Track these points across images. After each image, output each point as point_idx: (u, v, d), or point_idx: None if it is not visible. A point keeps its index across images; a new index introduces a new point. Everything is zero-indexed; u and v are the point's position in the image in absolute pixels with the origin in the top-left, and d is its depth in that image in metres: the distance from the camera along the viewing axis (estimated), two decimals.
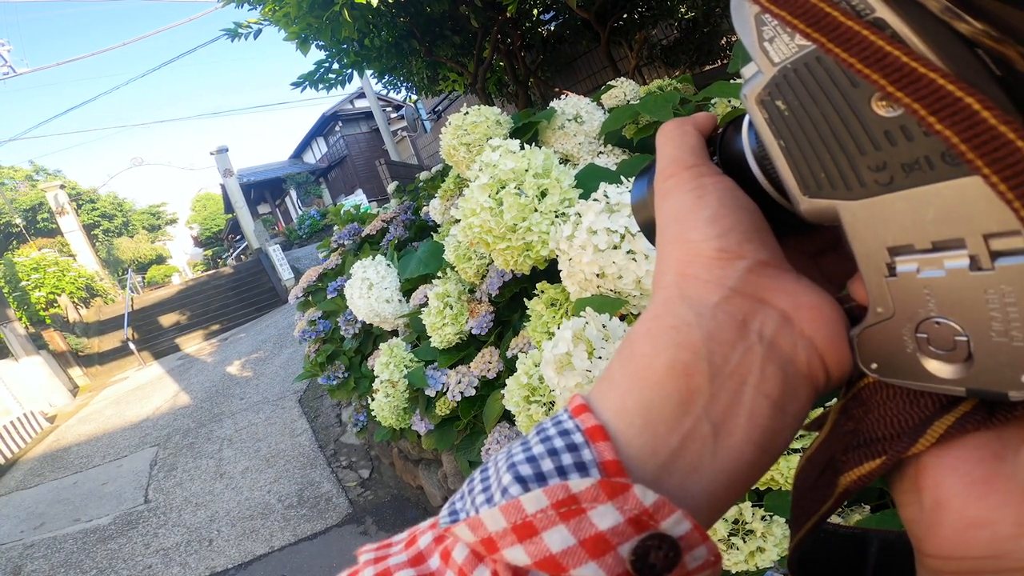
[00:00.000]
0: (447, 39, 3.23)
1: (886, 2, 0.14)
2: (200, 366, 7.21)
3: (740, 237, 0.18)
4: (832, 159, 0.16)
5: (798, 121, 0.17)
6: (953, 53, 0.13)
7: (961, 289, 0.14)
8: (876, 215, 0.16)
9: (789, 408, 0.17)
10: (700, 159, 0.20)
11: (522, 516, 0.15)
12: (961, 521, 0.15)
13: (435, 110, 8.52)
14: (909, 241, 0.15)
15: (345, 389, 2.37)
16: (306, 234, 13.29)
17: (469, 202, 0.90)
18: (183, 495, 3.28)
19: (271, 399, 4.61)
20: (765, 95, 0.17)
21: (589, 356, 0.62)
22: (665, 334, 0.18)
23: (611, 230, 0.70)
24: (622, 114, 1.40)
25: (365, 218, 3.35)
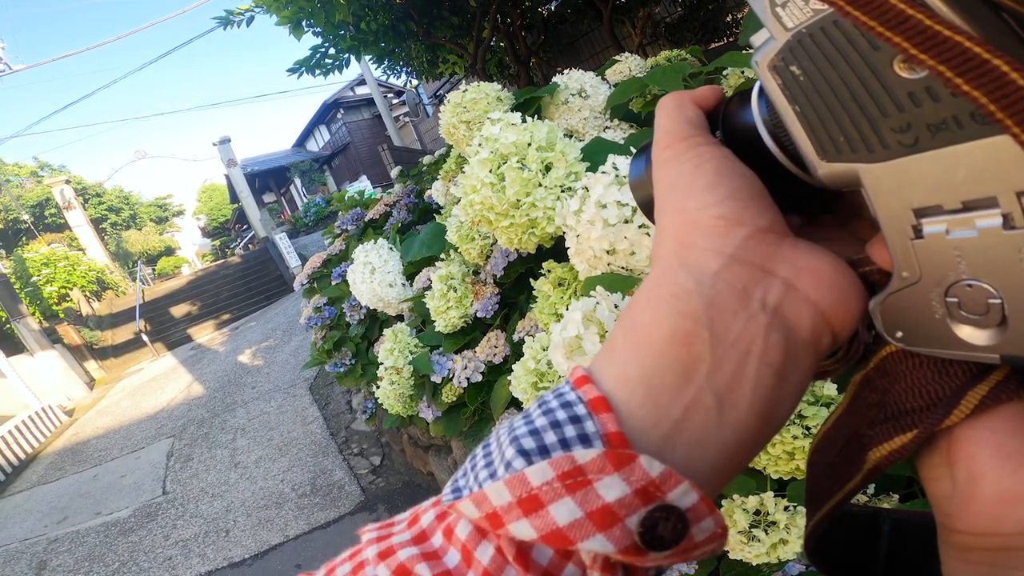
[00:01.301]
0: (445, 20, 3.15)
1: None
2: (212, 356, 7.28)
3: (738, 204, 0.18)
4: (852, 122, 0.16)
5: (814, 85, 0.16)
6: (978, 15, 0.13)
7: (995, 248, 0.14)
8: (900, 177, 0.15)
9: (791, 376, 0.17)
10: (697, 131, 0.20)
11: (527, 489, 0.15)
12: (995, 496, 0.15)
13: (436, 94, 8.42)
14: (937, 202, 0.15)
15: (353, 376, 2.35)
16: (312, 221, 13.29)
17: (469, 178, 0.85)
18: (200, 486, 3.31)
19: (282, 387, 4.63)
20: (779, 61, 0.17)
21: (600, 339, 0.57)
22: (665, 302, 0.17)
23: (621, 203, 0.65)
24: (629, 87, 1.34)
25: (368, 203, 3.31)
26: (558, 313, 0.87)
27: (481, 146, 0.89)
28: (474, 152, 0.90)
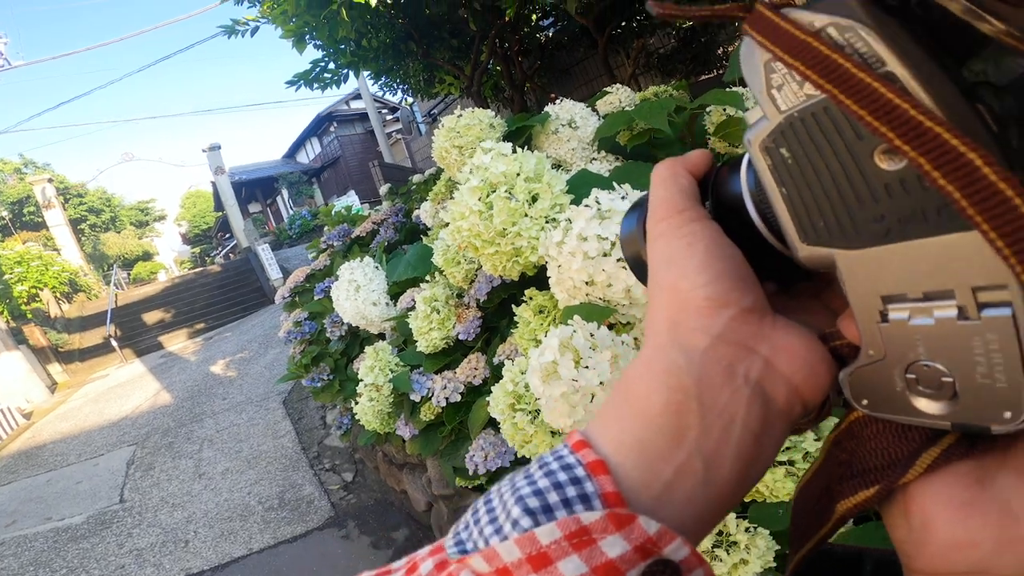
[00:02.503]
0: (445, 42, 3.23)
1: (896, 55, 0.14)
2: (183, 365, 7.11)
3: (726, 286, 0.19)
4: (832, 209, 0.17)
5: (801, 170, 0.17)
6: (956, 108, 0.14)
7: (948, 336, 0.15)
8: (872, 265, 0.17)
9: (768, 440, 0.19)
10: (690, 203, 0.21)
11: (537, 547, 0.16)
12: (947, 542, 0.17)
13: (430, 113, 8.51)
14: (902, 291, 0.16)
15: (329, 391, 2.34)
16: (296, 234, 13.20)
17: (459, 205, 0.88)
18: (160, 495, 3.22)
19: (255, 400, 4.55)
20: (770, 142, 0.18)
21: (576, 365, 0.60)
22: (659, 377, 0.19)
23: (602, 237, 0.68)
24: (617, 120, 1.39)
25: (355, 219, 3.33)
26: (537, 339, 0.89)
27: (472, 173, 0.92)
28: (465, 179, 0.93)
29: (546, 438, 0.77)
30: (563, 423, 0.61)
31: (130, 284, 17.19)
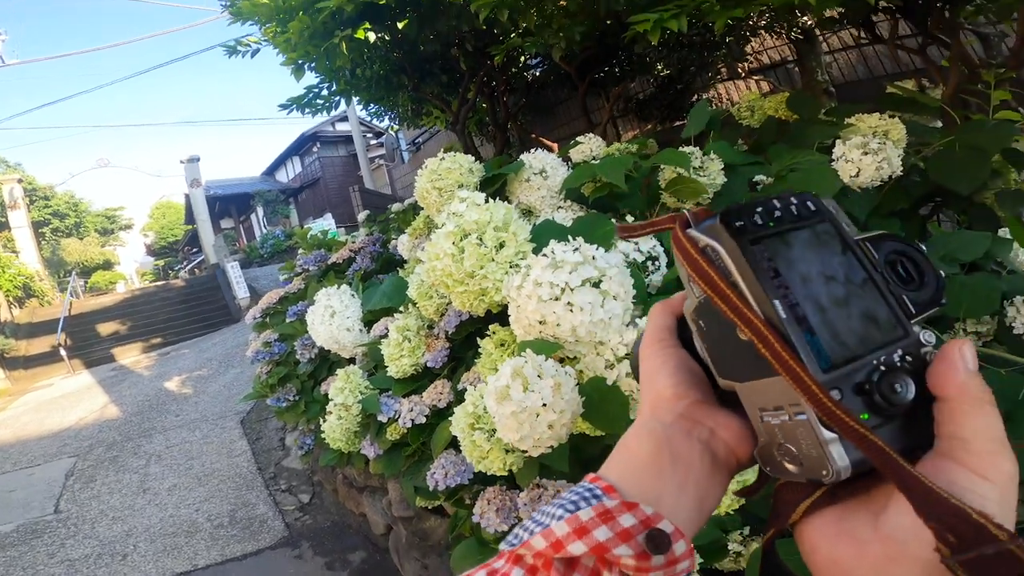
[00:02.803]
0: (435, 77, 3.39)
1: (736, 270, 0.25)
2: (135, 379, 6.90)
3: (686, 386, 0.31)
4: (727, 360, 0.28)
5: (710, 335, 0.29)
6: (765, 305, 0.24)
7: (788, 429, 0.25)
8: (752, 391, 0.27)
9: (716, 479, 0.30)
10: (667, 335, 0.33)
11: (578, 523, 0.25)
12: (825, 560, 0.25)
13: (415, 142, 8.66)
14: (765, 405, 0.26)
15: (294, 412, 2.37)
16: (268, 254, 13.06)
17: (435, 247, 1.01)
18: (99, 508, 3.14)
19: (210, 418, 4.46)
20: (694, 315, 0.30)
21: (524, 390, 0.72)
22: (645, 437, 0.30)
23: (554, 284, 0.82)
24: (582, 173, 1.55)
25: (332, 244, 3.40)
26: (497, 368, 1.01)
27: (448, 219, 1.06)
28: (441, 223, 1.07)
29: (500, 454, 0.88)
30: (512, 437, 0.73)
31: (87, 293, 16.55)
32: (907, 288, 0.26)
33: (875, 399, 0.23)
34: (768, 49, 4.29)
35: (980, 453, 0.22)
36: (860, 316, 0.25)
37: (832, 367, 0.23)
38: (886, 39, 2.12)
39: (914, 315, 0.26)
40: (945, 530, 0.20)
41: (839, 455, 0.23)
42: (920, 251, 0.27)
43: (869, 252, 0.27)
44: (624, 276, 0.88)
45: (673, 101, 3.84)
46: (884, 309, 0.25)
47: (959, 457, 0.22)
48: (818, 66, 2.79)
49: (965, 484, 0.21)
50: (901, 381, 0.23)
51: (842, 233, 0.27)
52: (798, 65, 2.90)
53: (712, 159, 1.48)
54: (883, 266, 0.26)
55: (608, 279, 0.84)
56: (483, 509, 1.07)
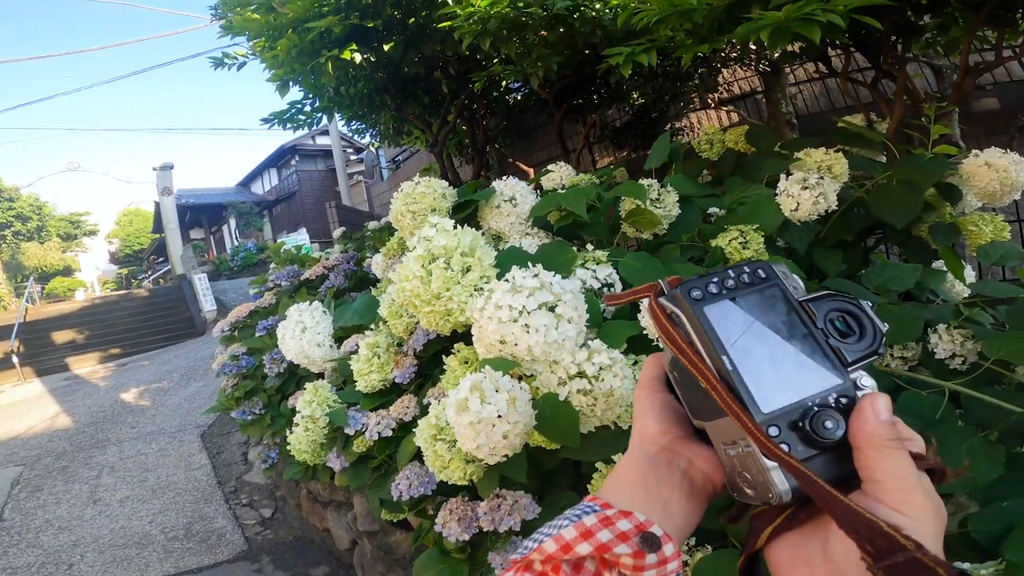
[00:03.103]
0: (418, 98, 3.46)
1: (694, 332, 0.31)
2: (89, 389, 6.68)
3: (669, 424, 0.37)
4: (696, 404, 0.34)
5: (682, 383, 0.35)
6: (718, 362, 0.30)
7: (742, 459, 0.30)
8: (713, 430, 0.33)
9: (695, 501, 0.35)
10: (656, 383, 0.39)
11: (584, 528, 0.30)
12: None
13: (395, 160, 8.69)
14: (724, 440, 0.32)
15: (260, 425, 2.37)
16: (238, 267, 12.83)
17: (405, 268, 1.08)
18: (45, 517, 3.05)
19: (168, 431, 4.36)
20: (670, 367, 0.37)
21: (481, 402, 0.79)
22: (633, 464, 0.36)
23: (513, 307, 0.89)
24: (548, 202, 1.63)
25: (305, 260, 3.41)
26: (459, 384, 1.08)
27: (419, 243, 1.13)
28: (412, 247, 1.14)
29: (461, 464, 0.94)
30: (470, 445, 0.80)
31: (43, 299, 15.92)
32: (845, 340, 0.31)
33: (808, 434, 0.28)
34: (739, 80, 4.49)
35: (892, 491, 0.26)
36: (799, 365, 0.30)
37: (772, 409, 0.28)
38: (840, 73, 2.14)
39: (850, 363, 0.30)
40: (864, 541, 0.24)
41: (779, 480, 0.28)
42: (861, 308, 0.32)
43: (810, 311, 0.32)
44: (578, 301, 0.96)
45: (647, 129, 3.95)
46: (821, 359, 0.30)
47: (877, 496, 0.26)
48: (783, 98, 2.93)
49: (885, 518, 0.25)
50: (832, 419, 0.28)
51: (788, 295, 0.32)
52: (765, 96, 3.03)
53: (668, 191, 1.59)
54: (824, 322, 0.31)
55: (563, 304, 0.92)
56: (445, 519, 1.12)
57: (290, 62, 2.46)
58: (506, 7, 1.99)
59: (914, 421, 1.02)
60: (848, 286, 1.43)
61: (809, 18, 1.26)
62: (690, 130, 4.60)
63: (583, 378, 0.89)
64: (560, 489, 1.20)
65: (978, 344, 1.19)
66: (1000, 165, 1.46)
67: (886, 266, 1.52)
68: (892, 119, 1.93)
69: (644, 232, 1.57)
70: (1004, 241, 1.53)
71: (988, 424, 0.97)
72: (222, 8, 2.63)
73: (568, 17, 2.17)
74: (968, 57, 1.81)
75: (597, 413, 0.89)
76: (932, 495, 0.27)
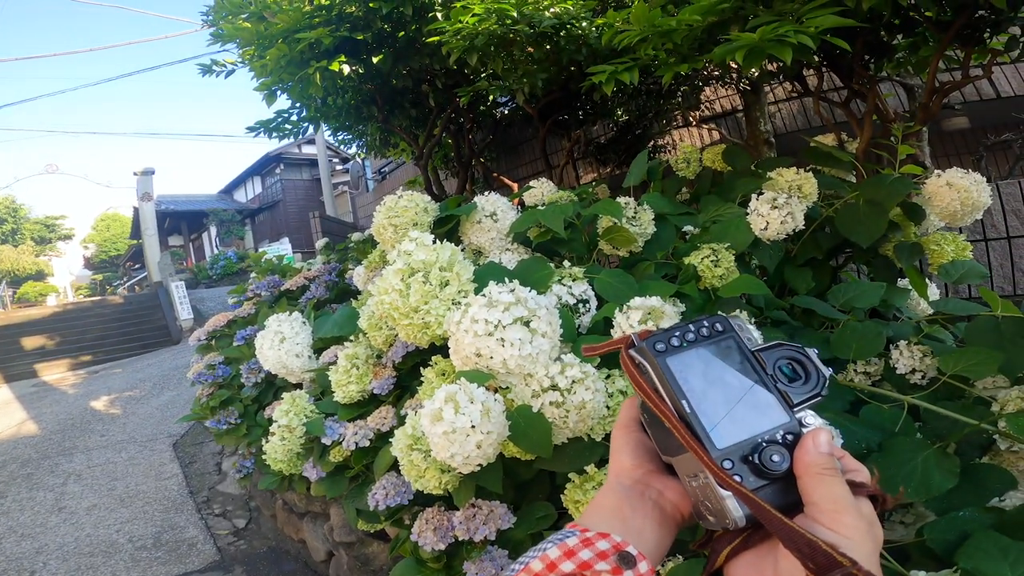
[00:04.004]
0: (405, 111, 3.48)
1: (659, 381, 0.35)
2: (57, 396, 6.50)
3: (641, 459, 0.40)
4: (663, 442, 0.38)
5: (651, 423, 0.39)
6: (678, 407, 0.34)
7: (703, 489, 0.34)
8: (678, 464, 0.36)
9: (666, 528, 0.38)
10: (632, 423, 0.42)
11: (567, 548, 0.33)
12: None
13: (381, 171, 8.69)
14: (688, 473, 0.35)
15: (235, 435, 2.35)
16: (217, 275, 12.65)
17: (384, 282, 1.10)
18: (7, 524, 2.97)
19: (139, 440, 4.27)
20: (640, 410, 0.41)
21: (455, 412, 0.81)
22: (610, 494, 0.39)
23: (488, 321, 0.92)
24: (527, 218, 1.65)
25: (287, 270, 3.40)
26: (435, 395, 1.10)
27: (399, 257, 1.15)
28: (392, 260, 1.16)
29: (436, 473, 0.96)
30: (444, 455, 0.81)
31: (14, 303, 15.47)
32: (792, 384, 0.35)
33: (757, 466, 0.32)
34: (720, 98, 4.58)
35: (827, 512, 0.30)
36: (750, 407, 0.34)
37: (726, 444, 0.32)
38: (813, 93, 2.17)
39: (795, 404, 0.35)
40: (807, 559, 0.28)
41: (734, 507, 0.32)
42: (807, 355, 0.36)
43: (760, 359, 0.36)
44: (552, 316, 0.99)
45: (630, 146, 4.01)
46: (770, 401, 0.34)
47: (815, 517, 0.30)
48: (762, 116, 2.98)
49: (823, 537, 0.28)
50: (779, 453, 0.32)
51: (741, 346, 0.37)
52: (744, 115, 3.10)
53: (644, 209, 1.63)
54: (773, 368, 0.36)
55: (537, 319, 0.95)
56: (421, 528, 1.13)
57: (279, 71, 2.48)
58: (494, 24, 2.03)
59: (874, 433, 1.06)
60: (815, 303, 1.48)
61: (782, 39, 1.30)
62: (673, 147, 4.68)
63: (556, 391, 0.92)
64: (535, 499, 1.22)
65: (936, 360, 1.24)
66: (961, 185, 1.49)
67: (852, 284, 1.56)
68: (861, 139, 1.95)
69: (620, 249, 1.61)
70: (966, 260, 1.55)
71: (945, 436, 1.00)
72: (213, 16, 2.63)
73: (554, 35, 2.22)
74: (935, 77, 1.82)
75: (570, 424, 0.91)
76: (867, 517, 0.31)
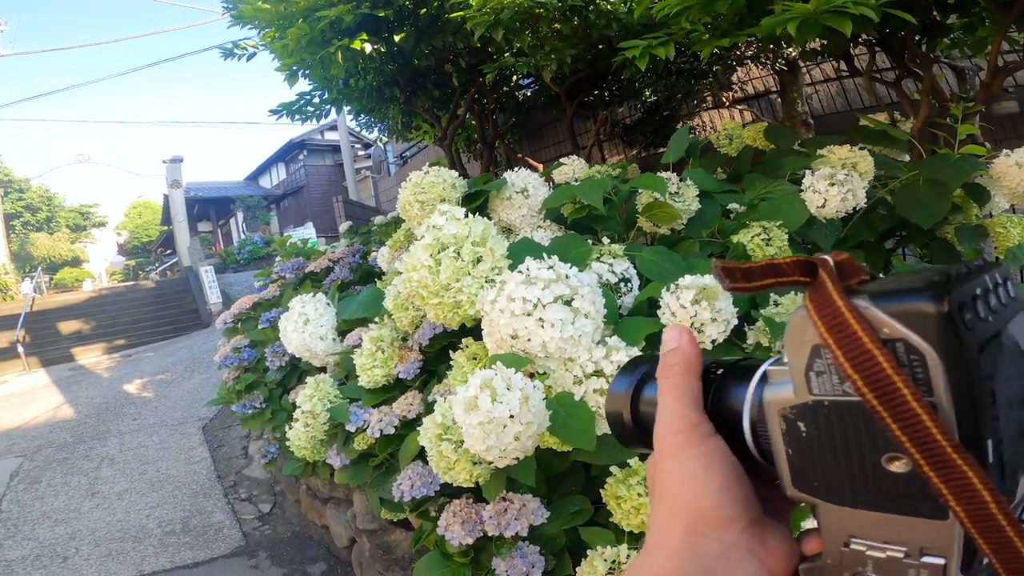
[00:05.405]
0: (427, 92, 3.42)
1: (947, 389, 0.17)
2: (93, 380, 6.69)
3: (740, 506, 0.24)
4: (828, 478, 0.21)
5: (812, 445, 0.21)
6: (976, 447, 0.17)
7: (891, 564, 0.20)
8: (849, 517, 0.21)
9: None
10: (701, 415, 0.25)
11: None
12: None
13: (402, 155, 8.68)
14: (868, 536, 0.20)
15: (260, 419, 2.33)
16: (245, 260, 12.86)
17: (412, 258, 1.02)
18: (42, 509, 3.03)
19: (170, 423, 4.34)
20: (790, 413, 0.21)
21: (492, 401, 0.74)
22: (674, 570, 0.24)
23: (527, 299, 0.84)
24: (562, 194, 1.57)
25: (311, 254, 3.38)
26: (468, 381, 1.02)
27: (428, 232, 1.07)
28: (420, 236, 1.08)
29: (467, 465, 0.89)
30: (479, 447, 0.74)
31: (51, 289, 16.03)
32: None
33: None
34: (752, 79, 4.43)
35: None
36: None
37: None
38: (863, 72, 2.12)
39: None
40: None
41: None
42: None
43: None
44: (596, 295, 0.90)
45: (658, 127, 3.91)
46: None
47: None
48: (799, 97, 2.89)
49: None
50: None
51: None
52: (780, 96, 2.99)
53: (688, 185, 1.53)
54: None
55: (580, 297, 0.86)
56: (448, 522, 1.06)
57: (300, 51, 2.42)
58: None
59: None
60: None
61: (840, 10, 1.20)
62: (702, 128, 4.54)
63: (600, 377, 0.83)
64: (569, 492, 1.15)
65: None
66: None
67: (909, 268, 1.47)
68: (917, 118, 1.89)
69: (661, 227, 1.51)
70: None
71: None
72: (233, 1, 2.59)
73: (583, 9, 2.12)
74: (997, 57, 1.77)
75: None
76: None
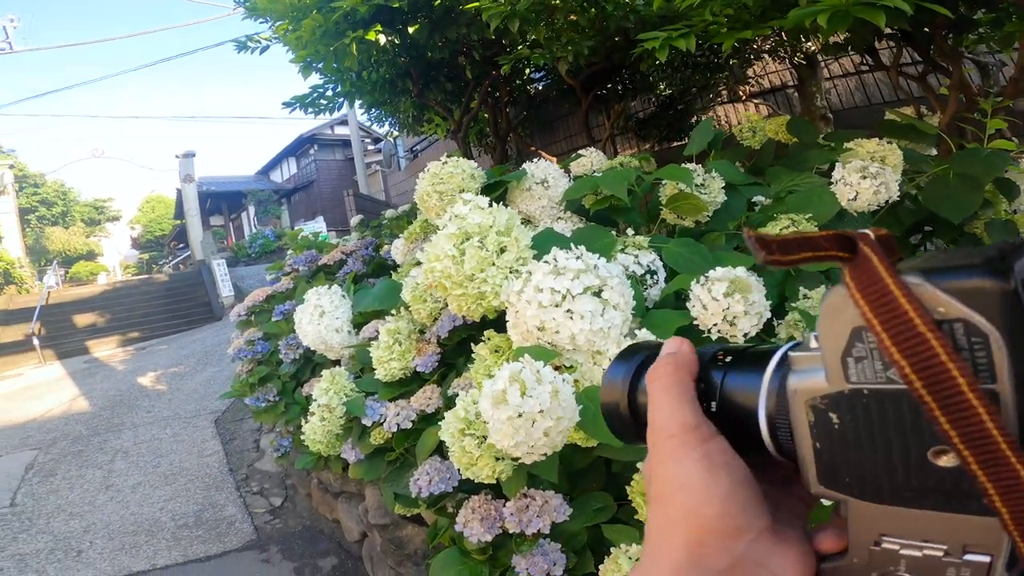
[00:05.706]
0: (440, 84, 3.40)
1: (1011, 374, 0.15)
2: (107, 372, 6.75)
3: (748, 514, 0.21)
4: (862, 474, 0.18)
5: (845, 438, 0.18)
6: None
7: (928, 563, 0.18)
8: (882, 514, 0.18)
9: None
10: (699, 416, 0.23)
11: None
12: None
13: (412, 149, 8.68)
14: (903, 535, 0.18)
15: (273, 412, 2.32)
16: (256, 253, 12.94)
17: (435, 248, 0.99)
18: (57, 502, 3.05)
19: (183, 416, 4.37)
20: (820, 403, 0.19)
21: (521, 395, 0.70)
22: None
23: (555, 290, 0.81)
24: (584, 185, 1.54)
25: (323, 247, 3.37)
26: (491, 374, 0.99)
27: (451, 221, 1.04)
28: (443, 225, 1.05)
29: (490, 461, 0.86)
30: (506, 443, 0.71)
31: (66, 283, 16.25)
32: None
33: None
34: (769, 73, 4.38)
35: None
36: None
37: None
38: (888, 66, 2.12)
39: None
40: None
41: None
42: None
43: None
44: (625, 287, 0.87)
45: (672, 121, 3.88)
46: None
47: None
48: (818, 91, 2.85)
49: None
50: None
51: None
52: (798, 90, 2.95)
53: (713, 177, 1.49)
54: None
55: (609, 288, 0.83)
56: (467, 518, 1.04)
57: (314, 43, 2.41)
58: None
59: None
60: None
61: (873, 2, 1.16)
62: (717, 123, 4.49)
63: None
64: (590, 488, 1.12)
65: None
66: None
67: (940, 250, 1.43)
68: (945, 113, 1.88)
69: (686, 219, 1.47)
70: None
71: None
72: None
73: (600, 0, 2.08)
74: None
75: None
76: None
